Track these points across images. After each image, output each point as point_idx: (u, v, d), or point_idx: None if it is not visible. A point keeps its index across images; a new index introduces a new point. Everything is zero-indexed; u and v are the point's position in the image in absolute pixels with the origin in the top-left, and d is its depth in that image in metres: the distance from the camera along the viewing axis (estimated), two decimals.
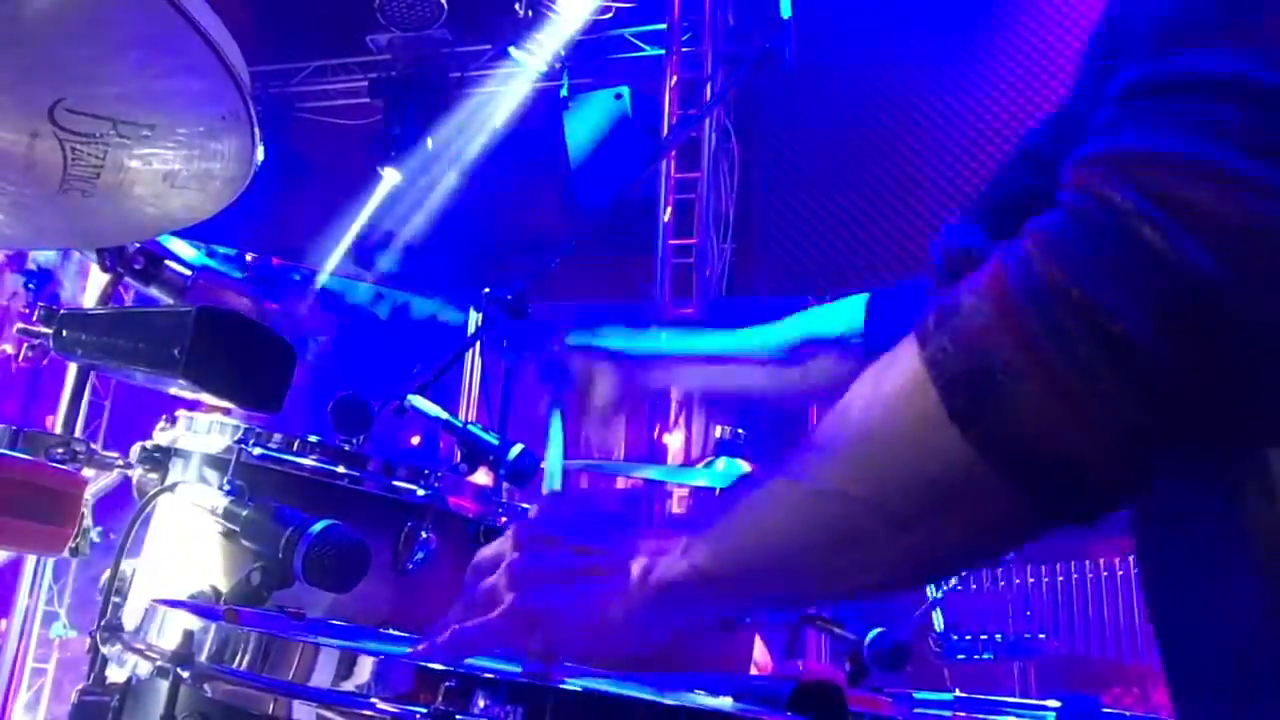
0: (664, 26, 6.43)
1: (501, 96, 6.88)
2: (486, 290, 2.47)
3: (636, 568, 0.79)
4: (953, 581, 3.15)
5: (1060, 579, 3.48)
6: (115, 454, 1.66)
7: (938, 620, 3.10)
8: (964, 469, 0.59)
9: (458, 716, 0.69)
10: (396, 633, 1.26)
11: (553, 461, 1.09)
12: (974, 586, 3.49)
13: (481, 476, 1.87)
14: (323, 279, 6.40)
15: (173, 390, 1.50)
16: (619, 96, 6.22)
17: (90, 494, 1.49)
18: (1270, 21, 0.54)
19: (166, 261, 1.65)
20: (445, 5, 6.57)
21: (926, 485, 0.61)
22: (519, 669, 0.89)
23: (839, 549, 0.68)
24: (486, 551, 0.90)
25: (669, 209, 6.03)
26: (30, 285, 4.71)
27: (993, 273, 0.58)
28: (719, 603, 0.77)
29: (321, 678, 0.76)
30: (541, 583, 0.83)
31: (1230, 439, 0.56)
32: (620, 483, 6.09)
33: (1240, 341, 0.52)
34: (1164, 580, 0.73)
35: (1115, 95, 0.58)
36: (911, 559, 0.66)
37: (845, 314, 1.20)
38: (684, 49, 6.30)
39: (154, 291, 1.65)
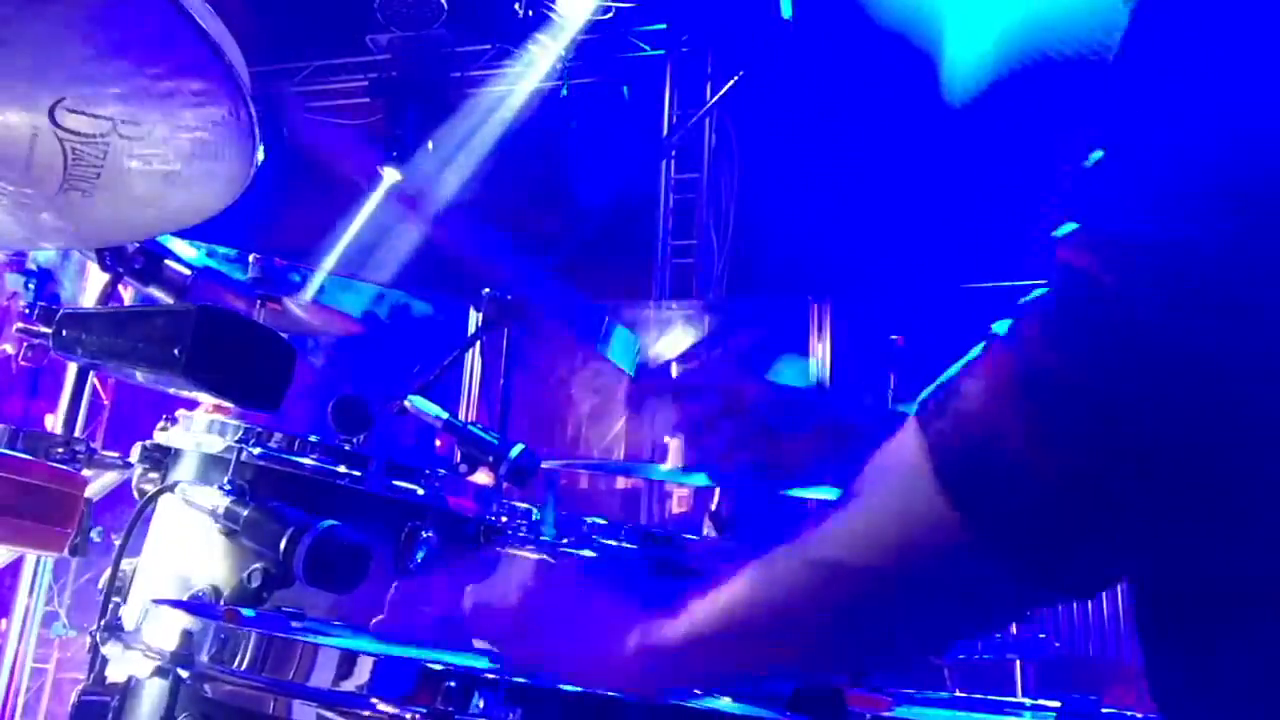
0: (664, 26, 6.43)
1: (501, 96, 6.88)
2: (486, 290, 2.47)
3: (638, 634, 0.80)
4: None
5: None
6: (115, 454, 1.66)
7: None
8: (962, 549, 0.60)
9: (457, 717, 0.69)
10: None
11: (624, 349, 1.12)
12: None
13: (481, 476, 1.87)
14: (322, 278, 6.40)
15: (172, 390, 1.50)
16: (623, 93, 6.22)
17: (90, 494, 1.49)
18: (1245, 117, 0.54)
19: (166, 261, 1.65)
20: (445, 5, 6.57)
21: (924, 563, 0.63)
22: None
23: (835, 621, 0.69)
24: (514, 573, 0.91)
25: (669, 209, 6.04)
26: (30, 285, 4.71)
27: (992, 357, 0.59)
28: (713, 669, 0.78)
29: (321, 678, 0.76)
30: (544, 630, 0.85)
31: (1229, 528, 0.56)
32: (620, 483, 6.09)
33: (1237, 427, 0.53)
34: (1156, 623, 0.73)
35: (1096, 170, 0.59)
36: (907, 634, 0.68)
37: None
38: (684, 49, 6.30)
39: (154, 291, 1.65)
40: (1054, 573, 0.59)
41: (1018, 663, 3.35)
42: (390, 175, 7.06)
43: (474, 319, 2.48)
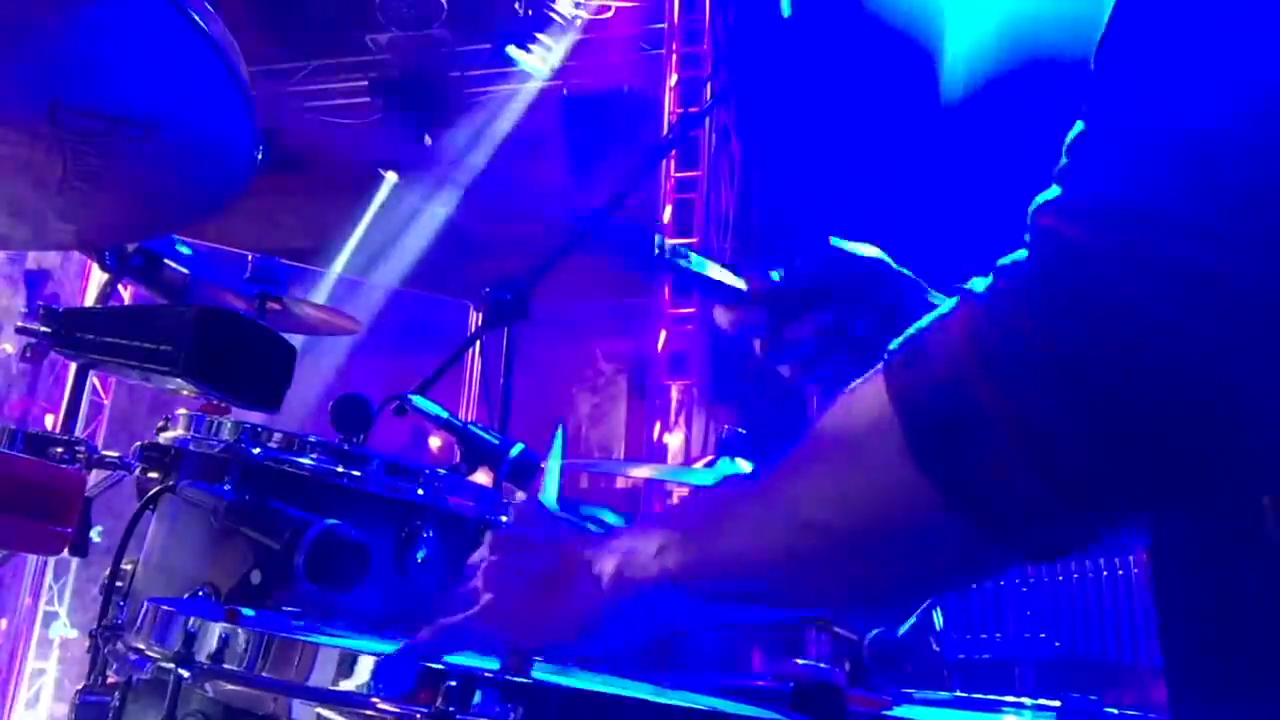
0: (664, 26, 6.43)
1: (502, 96, 6.88)
2: (486, 290, 2.47)
3: (609, 565, 0.80)
4: None
5: (1060, 579, 3.47)
6: (115, 454, 1.66)
7: (938, 620, 3.10)
8: (925, 505, 0.59)
9: (458, 716, 0.69)
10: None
11: (551, 475, 1.10)
12: (974, 586, 3.49)
13: (481, 476, 1.87)
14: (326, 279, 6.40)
15: (172, 390, 1.51)
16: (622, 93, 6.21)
17: (90, 494, 1.49)
18: (1219, 80, 0.53)
19: (166, 261, 1.65)
20: (445, 5, 6.57)
21: (887, 518, 0.63)
22: (496, 664, 0.89)
23: (801, 571, 0.69)
24: (475, 556, 0.91)
25: (669, 209, 6.04)
26: (30, 285, 4.71)
27: (961, 312, 0.59)
28: (688, 608, 0.78)
29: (321, 677, 0.76)
30: (513, 580, 0.85)
31: (1201, 481, 0.56)
32: (620, 483, 6.09)
33: (1204, 391, 0.52)
34: (1175, 574, 0.73)
35: (1076, 139, 0.59)
36: (868, 586, 0.69)
37: None
38: (684, 49, 6.31)
39: (154, 291, 1.65)
40: (1017, 534, 0.59)
41: (1017, 663, 3.34)
42: (390, 176, 7.07)
43: (474, 319, 2.48)
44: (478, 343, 2.62)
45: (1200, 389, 0.52)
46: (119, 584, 1.60)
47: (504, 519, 1.79)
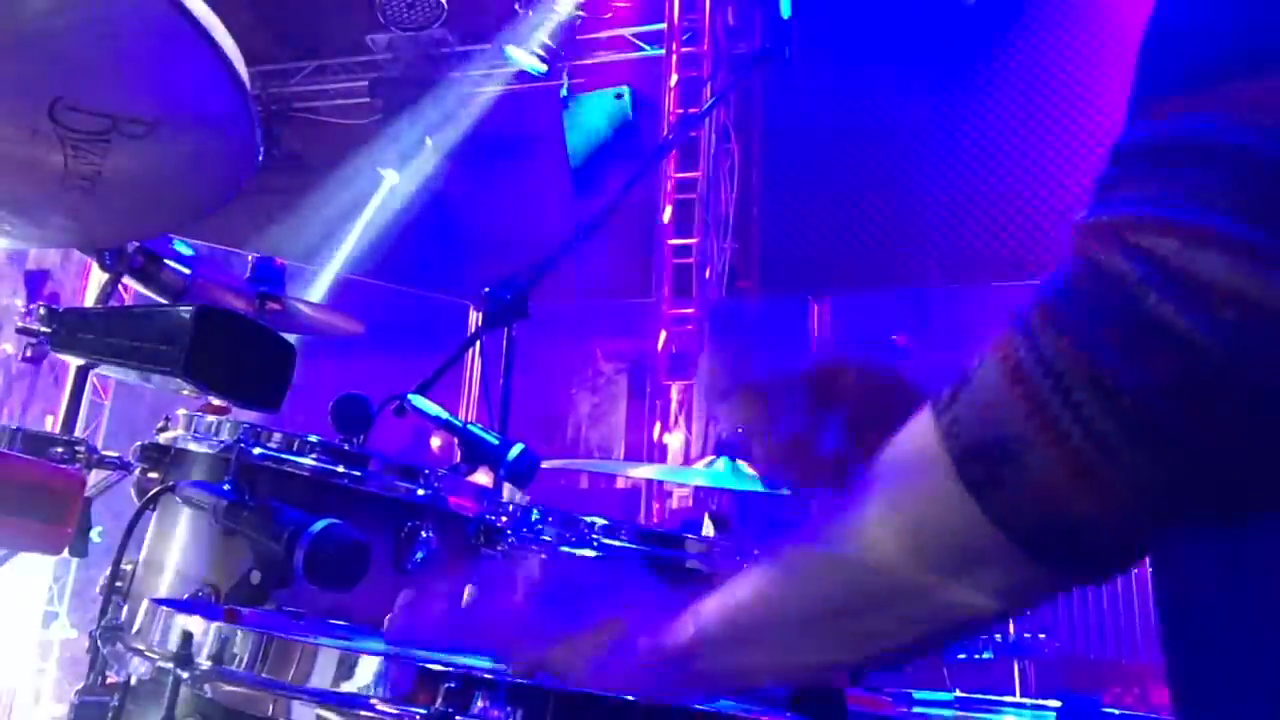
0: (664, 26, 6.43)
1: (501, 96, 6.89)
2: (486, 290, 2.47)
3: (643, 636, 0.79)
4: None
5: None
6: (115, 454, 1.65)
7: None
8: (979, 538, 0.59)
9: (457, 717, 0.69)
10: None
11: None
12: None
13: (481, 476, 1.87)
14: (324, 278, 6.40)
15: (172, 390, 1.50)
16: (619, 96, 6.22)
17: (90, 494, 1.49)
18: (1275, 91, 0.53)
19: (166, 261, 1.64)
20: (445, 5, 6.57)
21: (941, 553, 0.62)
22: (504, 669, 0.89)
23: (851, 615, 0.68)
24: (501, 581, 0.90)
25: (669, 209, 6.04)
26: (30, 285, 4.71)
27: (1004, 342, 0.59)
28: (722, 673, 0.77)
29: (321, 678, 0.76)
30: (546, 639, 0.84)
31: (1240, 506, 0.56)
32: (620, 483, 6.09)
33: (1244, 411, 0.52)
34: (1179, 582, 0.73)
35: (1116, 156, 0.58)
36: (925, 625, 0.67)
37: None
38: (684, 49, 6.31)
39: (153, 291, 1.65)
40: (1066, 558, 0.59)
41: (1017, 663, 3.35)
42: (390, 175, 7.07)
43: (474, 319, 2.48)
44: (478, 343, 2.62)
45: (1263, 420, 0.52)
46: (119, 584, 1.60)
47: (503, 520, 1.79)
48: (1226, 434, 0.53)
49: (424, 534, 1.68)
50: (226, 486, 1.40)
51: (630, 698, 0.78)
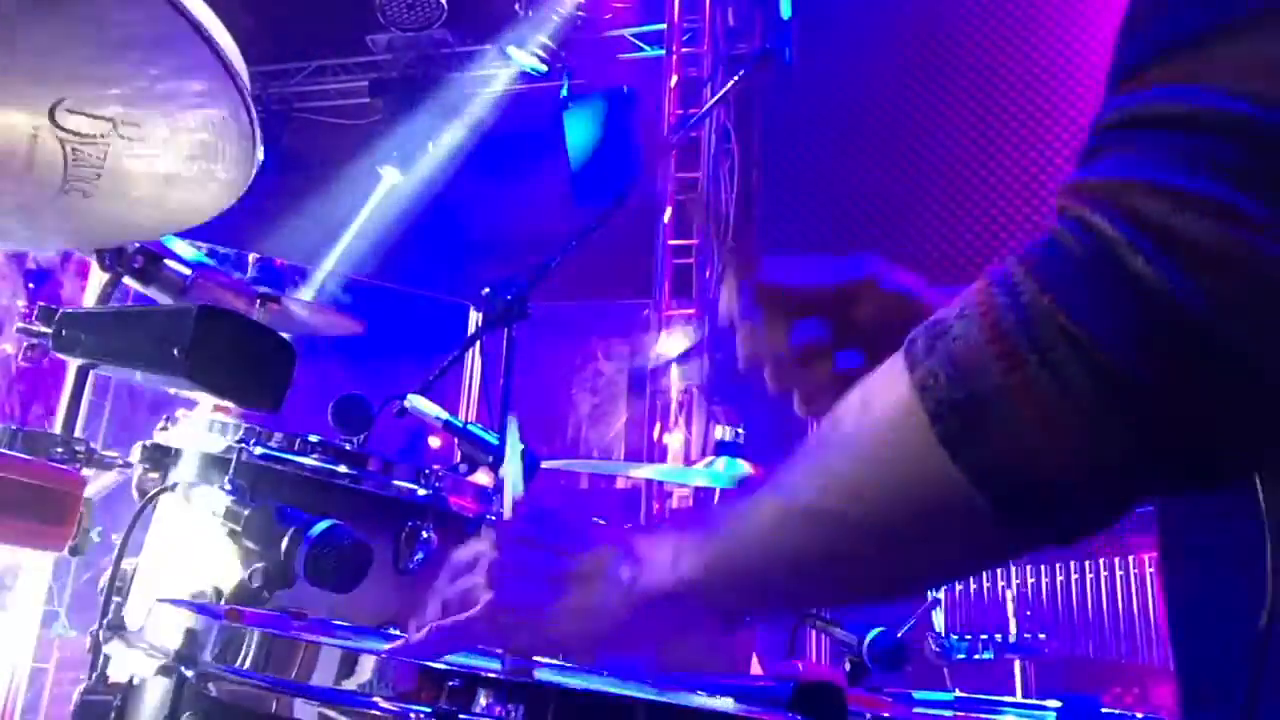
0: (664, 26, 6.43)
1: (501, 96, 6.89)
2: (486, 290, 2.47)
3: (623, 574, 0.79)
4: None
5: (1060, 579, 3.48)
6: (115, 454, 1.65)
7: (938, 620, 3.10)
8: (951, 492, 0.59)
9: (460, 716, 0.69)
10: (396, 632, 1.26)
11: (513, 469, 1.07)
12: (974, 586, 3.49)
13: (481, 476, 1.87)
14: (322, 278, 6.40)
15: (172, 390, 1.50)
16: (619, 97, 6.22)
17: (90, 494, 1.49)
18: (1259, 57, 0.54)
19: (166, 261, 1.65)
20: (445, 5, 6.57)
21: (914, 507, 0.62)
22: (497, 665, 0.89)
23: (825, 566, 0.69)
24: (462, 554, 0.89)
25: (669, 209, 6.04)
26: (30, 285, 4.72)
27: (982, 296, 0.59)
28: (705, 614, 0.78)
29: (324, 677, 0.76)
30: (522, 582, 0.83)
31: (1216, 470, 0.56)
32: (620, 483, 6.09)
33: (1226, 374, 0.52)
34: (1186, 575, 0.73)
35: (1106, 120, 0.58)
36: (895, 575, 0.69)
37: None
38: (684, 49, 6.31)
39: (154, 291, 1.65)
40: (1039, 516, 0.59)
41: (1017, 663, 3.35)
42: (390, 175, 7.07)
43: (474, 319, 2.48)
44: (478, 343, 2.63)
45: (1243, 386, 0.52)
46: (119, 584, 1.60)
47: (499, 515, 1.79)
48: (1202, 397, 0.53)
49: (424, 534, 1.68)
50: (227, 486, 1.40)
51: (630, 696, 0.78)
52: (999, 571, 3.48)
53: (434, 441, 4.31)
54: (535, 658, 0.86)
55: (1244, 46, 0.54)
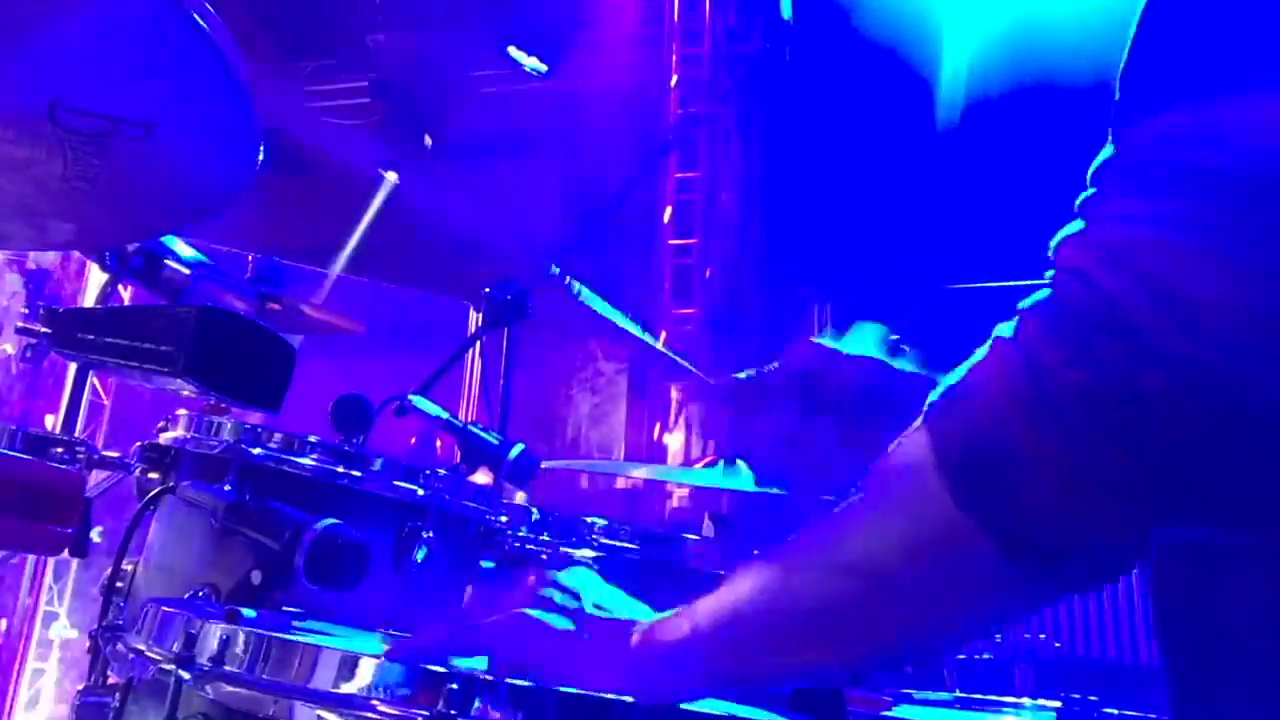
0: (664, 27, 6.43)
1: (502, 96, 6.88)
2: (486, 290, 2.47)
3: (640, 633, 0.80)
4: None
5: None
6: (115, 454, 1.65)
7: None
8: (969, 545, 0.60)
9: (458, 718, 0.69)
10: (396, 633, 1.26)
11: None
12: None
13: (481, 476, 1.87)
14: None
15: (172, 390, 1.50)
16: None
17: (90, 494, 1.49)
18: (1269, 113, 0.54)
19: (166, 261, 1.64)
20: (445, 5, 6.57)
21: (929, 562, 0.63)
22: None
23: (842, 617, 0.69)
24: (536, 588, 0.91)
25: (669, 209, 6.03)
26: (30, 285, 4.71)
27: (997, 358, 0.60)
28: (715, 672, 0.77)
29: (323, 679, 0.76)
30: (548, 609, 0.85)
31: (1230, 518, 0.57)
32: (620, 483, 6.09)
33: (1231, 424, 0.53)
34: (1173, 585, 0.74)
35: (1099, 173, 0.59)
36: (910, 632, 0.68)
37: None
38: (684, 49, 6.30)
39: (154, 292, 1.64)
40: (1056, 568, 0.60)
41: (1017, 663, 3.35)
42: (390, 175, 7.07)
43: (474, 319, 2.48)
44: (478, 343, 2.62)
45: (1233, 426, 0.53)
46: (119, 584, 1.60)
47: (503, 520, 1.79)
48: (1212, 449, 0.53)
49: (424, 534, 1.68)
50: (227, 487, 1.40)
51: (630, 699, 0.78)
52: None
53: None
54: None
55: (1240, 101, 0.55)
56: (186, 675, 0.80)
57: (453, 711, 0.69)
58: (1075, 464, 0.55)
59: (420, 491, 1.70)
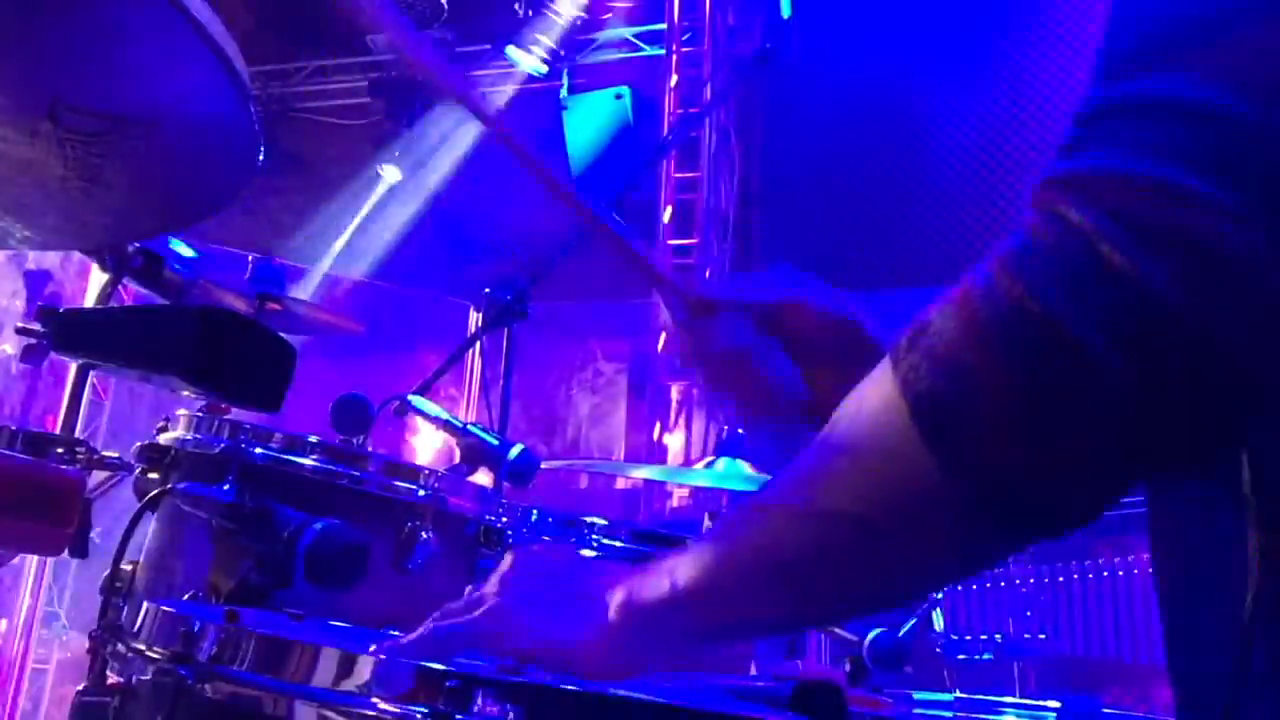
0: (664, 26, 6.43)
1: (501, 96, 6.88)
2: (487, 290, 2.48)
3: (620, 593, 0.80)
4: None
5: (1060, 579, 3.48)
6: (115, 454, 1.65)
7: (938, 620, 3.10)
8: (935, 485, 0.60)
9: (458, 717, 0.69)
10: (396, 633, 1.26)
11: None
12: (974, 587, 3.49)
13: (481, 476, 1.87)
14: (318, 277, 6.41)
15: (172, 390, 1.50)
16: (619, 97, 6.22)
17: (90, 494, 1.49)
18: (1239, 48, 0.54)
19: (166, 261, 1.65)
20: (445, 5, 6.57)
21: (901, 502, 0.63)
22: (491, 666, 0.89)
23: (815, 567, 0.69)
24: (494, 576, 0.91)
25: (669, 209, 6.04)
26: (30, 285, 4.72)
27: (961, 292, 0.60)
28: (698, 626, 0.78)
29: (322, 678, 0.76)
30: (528, 591, 0.85)
31: (1195, 450, 0.57)
32: (620, 483, 6.09)
33: (1199, 356, 0.52)
34: (1174, 567, 0.74)
35: (1079, 115, 0.59)
36: (886, 577, 0.68)
37: None
38: (684, 49, 6.31)
39: (154, 292, 1.65)
40: (1019, 510, 0.59)
41: (1017, 663, 3.35)
42: (390, 175, 7.07)
43: (474, 319, 2.48)
44: (478, 343, 2.63)
45: (1213, 369, 0.52)
46: (119, 585, 1.60)
47: (503, 520, 1.79)
48: (1176, 379, 0.53)
49: (424, 534, 1.68)
50: (226, 487, 1.40)
51: (629, 697, 0.78)
52: (998, 571, 3.48)
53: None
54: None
55: (1220, 41, 0.54)
56: (185, 675, 0.80)
57: (452, 709, 0.69)
58: (1038, 402, 0.55)
59: (420, 491, 1.70)
